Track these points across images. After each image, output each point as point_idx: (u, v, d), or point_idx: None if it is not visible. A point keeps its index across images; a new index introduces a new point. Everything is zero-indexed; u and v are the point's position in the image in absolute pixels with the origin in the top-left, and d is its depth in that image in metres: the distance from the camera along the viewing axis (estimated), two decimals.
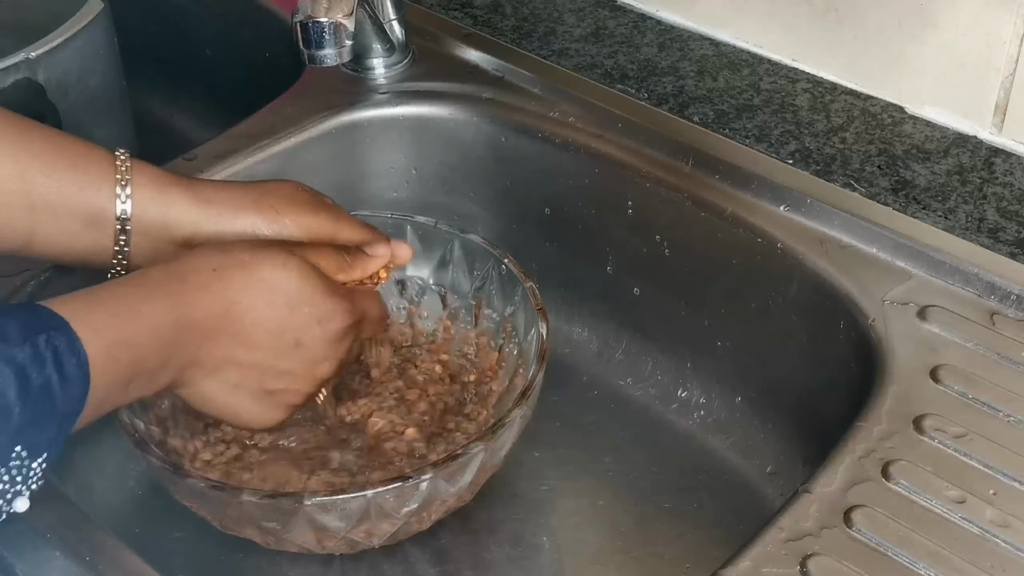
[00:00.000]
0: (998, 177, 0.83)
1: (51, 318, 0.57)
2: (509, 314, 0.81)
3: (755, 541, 0.62)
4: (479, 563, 0.79)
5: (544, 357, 0.74)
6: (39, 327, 0.56)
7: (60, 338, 0.56)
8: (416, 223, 0.84)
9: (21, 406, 0.54)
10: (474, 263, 0.83)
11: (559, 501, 0.83)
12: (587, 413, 0.89)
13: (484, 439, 0.70)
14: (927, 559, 0.60)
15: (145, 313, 0.61)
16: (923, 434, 0.67)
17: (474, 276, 0.83)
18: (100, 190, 0.66)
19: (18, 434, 0.55)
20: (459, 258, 0.84)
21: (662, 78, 0.94)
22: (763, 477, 0.83)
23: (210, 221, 0.68)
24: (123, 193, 0.66)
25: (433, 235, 0.84)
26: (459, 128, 0.94)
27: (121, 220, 0.66)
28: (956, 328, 0.73)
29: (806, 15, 0.92)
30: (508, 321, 0.81)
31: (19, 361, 0.54)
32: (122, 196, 0.66)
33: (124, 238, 0.67)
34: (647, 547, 0.80)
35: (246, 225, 0.69)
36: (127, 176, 0.67)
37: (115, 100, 1.02)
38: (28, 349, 0.55)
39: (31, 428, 0.55)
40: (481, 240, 0.82)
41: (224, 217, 0.69)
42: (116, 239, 0.67)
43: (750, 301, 0.83)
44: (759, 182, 0.83)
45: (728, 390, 0.87)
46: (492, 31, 1.01)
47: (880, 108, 0.90)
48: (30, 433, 0.55)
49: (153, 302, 0.61)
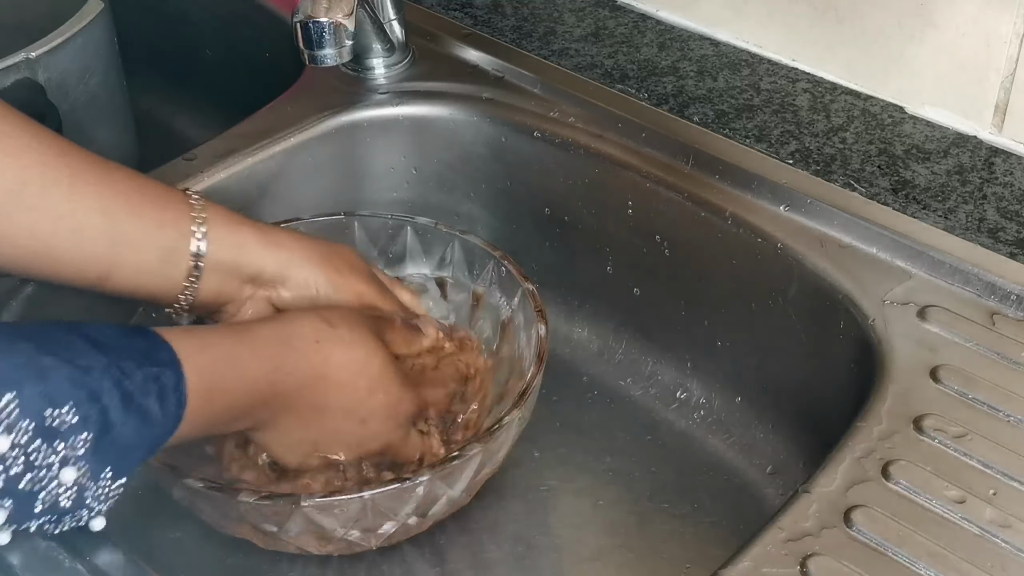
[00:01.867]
0: (998, 177, 0.83)
1: (166, 351, 0.60)
2: (508, 316, 0.81)
3: (755, 541, 0.62)
4: (479, 563, 0.79)
5: (543, 359, 0.74)
6: (154, 359, 0.59)
7: (169, 374, 0.59)
8: (416, 224, 0.84)
9: (120, 427, 0.57)
10: (474, 264, 0.83)
11: (559, 501, 0.83)
12: (587, 413, 0.89)
13: (482, 440, 0.70)
14: (927, 559, 0.60)
15: (249, 368, 0.64)
16: (923, 434, 0.67)
17: (474, 277, 0.83)
18: (178, 227, 0.68)
19: (111, 454, 0.57)
20: (459, 259, 0.84)
21: (662, 78, 0.94)
22: (763, 477, 0.83)
23: (278, 264, 0.72)
24: (199, 231, 0.69)
25: (433, 235, 0.84)
26: (459, 128, 0.94)
27: (196, 257, 0.69)
28: (956, 328, 0.73)
29: (806, 15, 0.92)
30: (508, 322, 0.81)
31: (127, 388, 0.57)
32: (198, 234, 0.69)
33: (196, 275, 0.69)
34: (647, 547, 0.80)
35: (308, 276, 0.73)
36: (203, 215, 0.69)
37: (115, 100, 1.02)
38: (139, 377, 0.57)
39: (123, 451, 0.57)
40: (481, 241, 0.82)
41: (293, 263, 0.72)
42: (188, 275, 0.69)
43: (750, 301, 0.83)
44: (759, 182, 0.83)
45: (728, 390, 0.87)
46: (492, 31, 1.01)
47: (880, 108, 0.90)
48: (120, 455, 0.57)
49: (258, 360, 0.65)
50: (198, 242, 0.68)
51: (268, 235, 0.72)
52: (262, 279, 0.71)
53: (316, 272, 0.73)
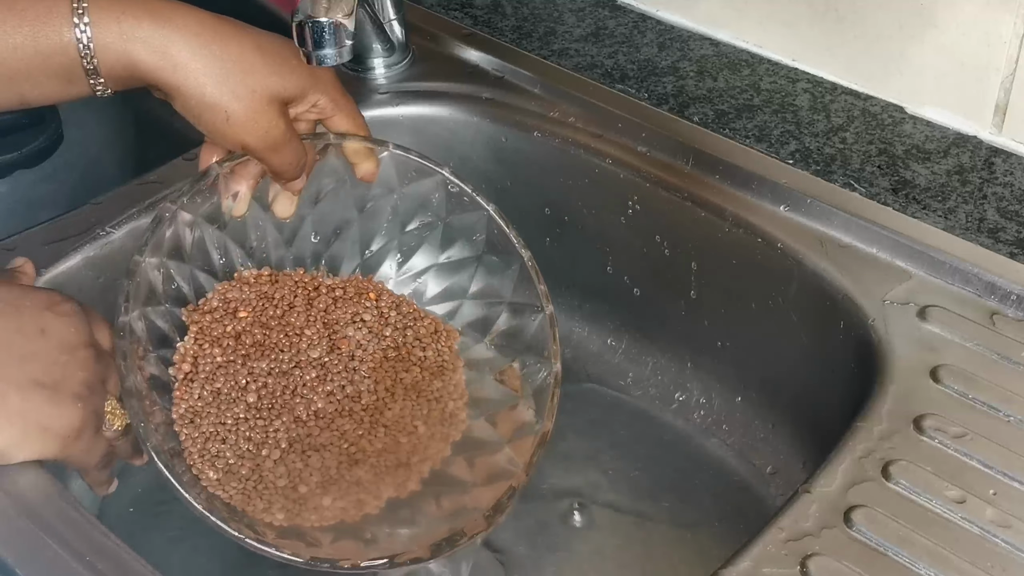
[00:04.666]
0: (998, 177, 0.83)
1: None
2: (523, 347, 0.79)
3: (755, 541, 0.62)
4: (479, 563, 0.79)
5: (553, 412, 0.73)
6: None
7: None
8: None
9: None
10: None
11: (559, 501, 0.83)
12: (587, 413, 0.89)
13: (488, 523, 0.68)
14: (927, 559, 0.60)
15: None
16: (923, 434, 0.67)
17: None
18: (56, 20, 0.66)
19: None
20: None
21: (662, 78, 0.94)
22: (763, 477, 0.83)
23: (161, 44, 0.68)
24: (80, 22, 0.66)
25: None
26: (459, 128, 0.94)
27: (84, 47, 0.66)
28: (956, 328, 0.73)
29: (806, 15, 0.92)
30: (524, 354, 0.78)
31: None
32: (80, 25, 0.66)
33: (92, 66, 0.67)
34: (647, 547, 0.80)
35: (198, 69, 0.69)
36: (83, 4, 0.66)
37: (115, 99, 1.02)
38: None
39: None
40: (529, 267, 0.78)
41: (175, 45, 0.68)
42: (85, 71, 0.67)
43: (750, 301, 0.83)
44: (759, 182, 0.83)
45: (728, 390, 0.87)
46: (492, 31, 1.01)
47: (880, 108, 0.90)
48: None
49: None
50: (81, 32, 0.66)
51: (156, 10, 0.68)
52: (142, 69, 0.68)
53: (209, 65, 0.69)
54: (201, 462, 0.71)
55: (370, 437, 0.75)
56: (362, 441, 0.74)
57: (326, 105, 0.74)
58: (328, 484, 0.72)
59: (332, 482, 0.72)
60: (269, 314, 0.77)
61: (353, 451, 0.74)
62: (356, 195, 0.81)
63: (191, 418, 0.72)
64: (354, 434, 0.75)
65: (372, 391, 0.76)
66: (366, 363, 0.77)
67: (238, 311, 0.76)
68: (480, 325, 0.81)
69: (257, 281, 0.78)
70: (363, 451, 0.74)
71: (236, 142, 0.71)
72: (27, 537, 0.62)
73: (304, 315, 0.78)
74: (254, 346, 0.75)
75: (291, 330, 0.77)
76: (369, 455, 0.74)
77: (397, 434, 0.75)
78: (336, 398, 0.76)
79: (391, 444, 0.75)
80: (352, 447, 0.74)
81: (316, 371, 0.76)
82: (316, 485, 0.72)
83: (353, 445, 0.74)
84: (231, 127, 0.70)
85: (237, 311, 0.76)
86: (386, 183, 0.80)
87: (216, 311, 0.76)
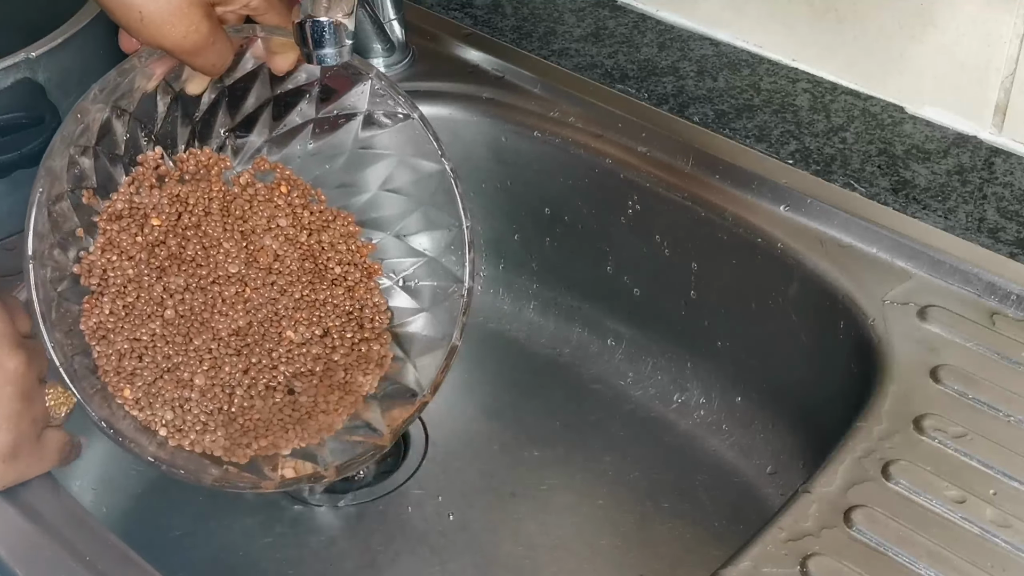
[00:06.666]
0: (998, 177, 0.83)
1: None
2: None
3: (755, 541, 0.62)
4: (479, 563, 0.79)
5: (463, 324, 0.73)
6: None
7: None
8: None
9: None
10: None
11: (559, 501, 0.84)
12: (587, 413, 0.89)
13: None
14: (927, 559, 0.60)
15: None
16: (923, 434, 0.67)
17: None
18: None
19: None
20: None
21: (662, 78, 0.94)
22: (763, 477, 0.83)
23: None
24: None
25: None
26: (459, 128, 0.94)
27: None
28: (956, 328, 0.73)
29: (806, 15, 0.92)
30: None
31: None
32: None
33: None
34: (647, 547, 0.80)
35: None
36: None
37: None
38: None
39: None
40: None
41: None
42: None
43: (750, 301, 0.83)
44: (759, 182, 0.83)
45: (728, 390, 0.87)
46: (492, 31, 1.01)
47: (880, 108, 0.90)
48: None
49: None
50: None
51: None
52: None
53: None
54: (117, 379, 0.69)
55: (289, 357, 0.75)
56: (283, 365, 0.74)
57: (259, 4, 0.70)
58: (249, 409, 0.72)
59: (253, 406, 0.72)
60: (184, 223, 0.74)
61: (275, 373, 0.74)
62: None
63: (104, 334, 0.70)
64: (275, 353, 0.74)
65: (291, 308, 0.75)
66: (284, 276, 0.76)
67: (149, 217, 0.73)
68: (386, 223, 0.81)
69: (169, 180, 0.74)
70: (285, 374, 0.74)
71: (152, 43, 0.65)
72: (27, 537, 0.62)
73: (220, 224, 0.75)
74: (169, 259, 0.72)
75: (208, 241, 0.74)
76: (292, 378, 0.74)
77: (323, 357, 0.75)
78: (256, 317, 0.74)
79: (314, 368, 0.75)
80: (274, 368, 0.74)
81: (235, 287, 0.74)
82: (238, 407, 0.72)
83: (275, 367, 0.74)
84: (145, 27, 0.64)
85: (148, 217, 0.73)
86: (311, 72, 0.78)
87: (124, 218, 0.72)
